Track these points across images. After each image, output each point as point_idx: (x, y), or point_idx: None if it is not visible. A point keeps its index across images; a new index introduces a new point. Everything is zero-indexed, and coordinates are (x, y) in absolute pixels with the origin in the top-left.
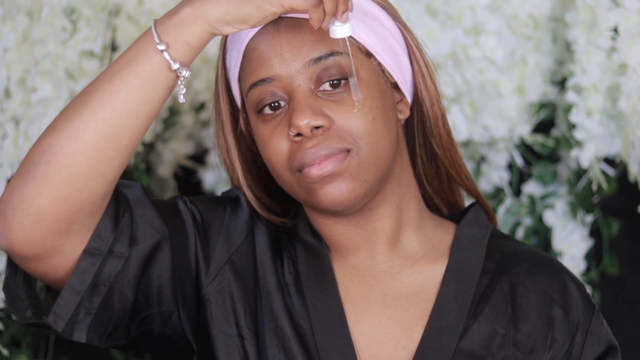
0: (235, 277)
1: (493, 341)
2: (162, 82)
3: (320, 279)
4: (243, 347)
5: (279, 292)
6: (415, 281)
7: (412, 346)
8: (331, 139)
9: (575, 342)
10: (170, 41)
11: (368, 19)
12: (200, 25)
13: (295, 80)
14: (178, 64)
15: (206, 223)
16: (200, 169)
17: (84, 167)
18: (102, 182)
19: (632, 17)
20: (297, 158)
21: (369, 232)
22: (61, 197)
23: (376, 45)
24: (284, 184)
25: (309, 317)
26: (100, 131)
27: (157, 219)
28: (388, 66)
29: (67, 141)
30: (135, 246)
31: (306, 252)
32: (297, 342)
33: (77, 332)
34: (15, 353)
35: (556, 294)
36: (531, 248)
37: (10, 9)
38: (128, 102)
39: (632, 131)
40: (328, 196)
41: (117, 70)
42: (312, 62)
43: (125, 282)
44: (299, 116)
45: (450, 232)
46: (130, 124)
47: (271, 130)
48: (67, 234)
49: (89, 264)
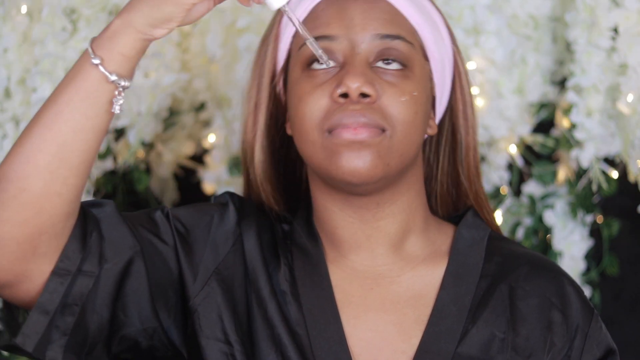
0: (222, 286)
1: (492, 345)
2: (102, 95)
3: (316, 284)
4: (232, 355)
5: (273, 298)
6: (415, 285)
7: (410, 351)
8: (374, 112)
9: (574, 346)
10: (104, 54)
11: (434, 28)
12: (129, 34)
13: (358, 47)
14: (115, 75)
15: (191, 233)
16: (200, 169)
17: (38, 189)
18: (59, 202)
19: (632, 17)
20: (335, 117)
21: (373, 229)
22: (21, 221)
23: (434, 53)
24: (305, 144)
25: (305, 323)
26: (50, 152)
27: (127, 235)
28: (436, 78)
29: (20, 166)
30: (105, 264)
31: (302, 257)
32: (294, 349)
33: (50, 352)
34: (15, 353)
35: (555, 298)
36: (530, 251)
37: (10, 9)
38: (72, 119)
39: (632, 131)
40: (350, 163)
41: (59, 91)
42: (379, 37)
43: (99, 300)
44: (353, 78)
45: (449, 234)
46: (78, 140)
47: (315, 86)
48: (33, 258)
49: (58, 284)
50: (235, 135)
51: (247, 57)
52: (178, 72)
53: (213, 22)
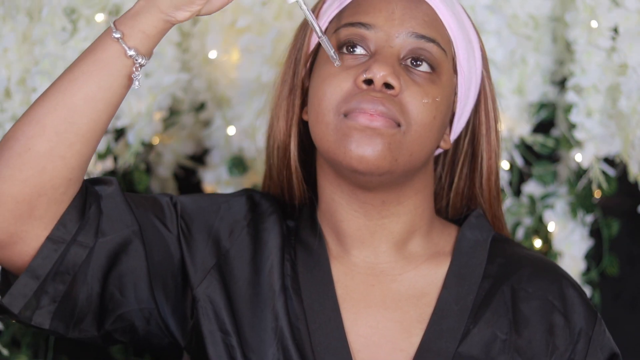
0: (223, 278)
1: (493, 346)
2: (118, 68)
3: (318, 279)
4: (232, 345)
5: (283, 293)
6: (417, 284)
7: (410, 349)
8: (393, 104)
9: (577, 350)
10: (126, 30)
11: (468, 46)
12: (153, 13)
13: (392, 40)
14: (133, 50)
15: (195, 223)
16: (200, 169)
17: (44, 149)
18: (62, 165)
19: (632, 17)
20: (355, 100)
21: (377, 226)
22: (22, 180)
23: (464, 68)
24: (318, 125)
25: (305, 318)
26: (60, 115)
27: (127, 214)
28: (460, 94)
29: (28, 127)
30: (101, 237)
31: (305, 252)
32: (293, 343)
33: (38, 317)
34: (15, 353)
35: (557, 301)
36: (533, 253)
37: (10, 9)
38: (86, 87)
39: (632, 131)
40: (359, 149)
41: (78, 60)
42: (415, 36)
43: (91, 272)
44: (381, 67)
45: (453, 234)
46: (88, 108)
47: (342, 69)
48: (29, 219)
49: (51, 250)
50: (235, 135)
51: (247, 57)
52: (178, 72)
53: (213, 22)
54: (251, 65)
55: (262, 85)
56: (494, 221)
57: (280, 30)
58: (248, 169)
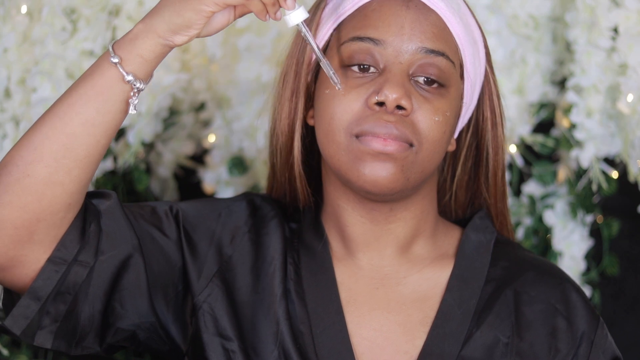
0: (225, 284)
1: (496, 349)
2: (116, 93)
3: (322, 282)
4: (232, 351)
5: (284, 297)
6: (420, 287)
7: (414, 352)
8: (406, 126)
9: (579, 353)
10: (124, 55)
11: (474, 50)
12: (150, 38)
13: (401, 56)
14: (131, 75)
15: (197, 230)
16: (200, 169)
17: (42, 175)
18: (61, 191)
19: (632, 17)
20: (368, 124)
21: (383, 231)
22: (21, 206)
23: (470, 74)
24: (329, 144)
25: (309, 322)
26: (58, 141)
27: (126, 229)
28: (466, 98)
29: (27, 152)
30: (100, 256)
31: (308, 255)
32: (296, 347)
33: (39, 337)
34: (15, 353)
35: (560, 305)
36: (536, 257)
37: (10, 9)
38: (84, 112)
39: (632, 131)
40: (373, 173)
41: (75, 85)
42: (425, 51)
43: (92, 291)
44: (394, 88)
45: (456, 237)
46: (86, 134)
47: (351, 88)
48: (28, 244)
49: (52, 272)
50: (235, 135)
51: (247, 57)
52: (178, 72)
53: None
54: (251, 65)
55: (262, 85)
56: (498, 217)
57: (280, 30)
58: (248, 169)
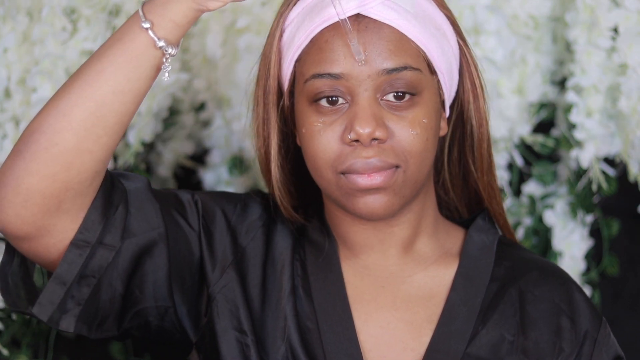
0: (239, 276)
1: (501, 347)
2: (147, 59)
3: (328, 279)
4: (246, 344)
5: (292, 293)
6: (426, 285)
7: (420, 349)
8: (386, 153)
9: (583, 352)
10: (155, 19)
11: (439, 35)
12: (184, 2)
13: (363, 85)
14: (163, 41)
15: (214, 221)
16: (200, 169)
17: (71, 144)
18: (90, 160)
19: (632, 17)
20: (348, 162)
21: (386, 234)
22: (49, 175)
23: (442, 64)
24: (320, 179)
25: (316, 318)
26: (87, 109)
27: (156, 214)
28: (444, 84)
29: (55, 119)
30: (128, 239)
31: (315, 252)
32: (303, 343)
33: (64, 321)
34: (15, 353)
35: (564, 304)
36: (539, 257)
37: (10, 9)
38: (114, 79)
39: (632, 131)
40: (368, 205)
41: (104, 49)
42: (386, 72)
43: (116, 274)
44: (363, 124)
45: (459, 237)
46: (117, 101)
47: (326, 125)
48: (57, 213)
49: (76, 255)
50: (235, 135)
51: (247, 57)
52: (178, 72)
53: (213, 22)
54: (251, 65)
55: None
56: (485, 189)
57: None
58: (248, 169)
